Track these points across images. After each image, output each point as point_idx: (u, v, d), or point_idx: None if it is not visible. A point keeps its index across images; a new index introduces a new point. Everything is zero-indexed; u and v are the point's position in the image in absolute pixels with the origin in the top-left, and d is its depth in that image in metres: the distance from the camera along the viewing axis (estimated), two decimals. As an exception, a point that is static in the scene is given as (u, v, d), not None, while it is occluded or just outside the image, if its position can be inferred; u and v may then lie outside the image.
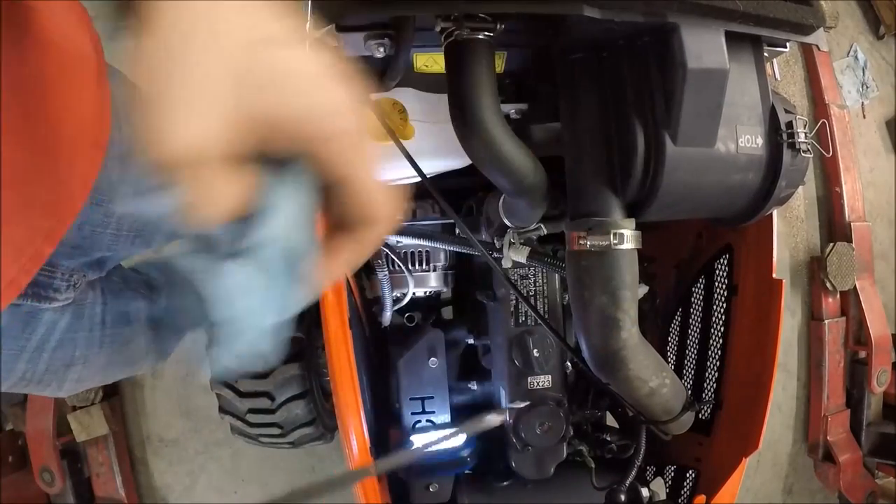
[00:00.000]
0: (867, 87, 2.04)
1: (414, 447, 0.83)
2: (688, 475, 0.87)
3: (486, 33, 0.54)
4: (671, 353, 0.97)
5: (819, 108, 1.91)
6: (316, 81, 0.28)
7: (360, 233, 0.32)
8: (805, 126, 0.61)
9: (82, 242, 0.56)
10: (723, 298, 0.87)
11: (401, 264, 0.82)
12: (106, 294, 0.69)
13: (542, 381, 0.80)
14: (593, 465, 0.83)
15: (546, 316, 0.81)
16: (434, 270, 0.86)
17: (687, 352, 0.94)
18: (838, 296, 1.83)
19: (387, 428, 0.92)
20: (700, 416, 0.86)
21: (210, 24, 0.25)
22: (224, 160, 0.26)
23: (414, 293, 0.85)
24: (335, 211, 0.32)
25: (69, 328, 0.62)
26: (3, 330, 0.53)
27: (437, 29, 0.55)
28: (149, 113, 0.24)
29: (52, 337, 0.60)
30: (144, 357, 0.76)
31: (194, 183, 0.25)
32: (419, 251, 0.84)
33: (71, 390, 0.66)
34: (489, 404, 0.89)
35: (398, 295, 0.85)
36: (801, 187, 0.68)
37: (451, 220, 0.77)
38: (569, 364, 0.83)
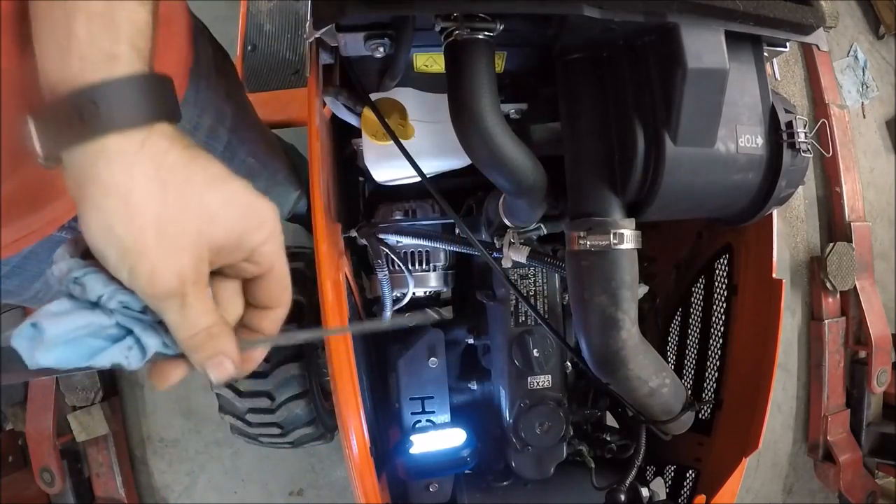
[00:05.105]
0: (867, 87, 2.04)
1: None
2: (688, 475, 0.87)
3: (486, 33, 0.54)
4: (671, 353, 0.97)
5: (819, 108, 1.91)
6: (247, 203, 0.37)
7: (276, 311, 0.41)
8: (805, 126, 0.61)
9: None
10: (723, 298, 0.87)
11: (401, 264, 0.82)
12: None
13: (542, 381, 0.80)
14: (593, 465, 0.83)
15: (546, 316, 0.81)
16: (434, 270, 0.86)
17: (687, 352, 0.94)
18: (838, 296, 1.83)
19: (387, 428, 0.92)
20: (700, 416, 0.86)
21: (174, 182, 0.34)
22: (197, 282, 0.35)
23: (414, 293, 0.85)
24: (260, 296, 0.41)
25: None
26: (31, 253, 0.60)
27: (437, 29, 0.55)
28: (137, 260, 0.33)
29: None
30: None
31: (182, 303, 0.35)
32: (419, 251, 0.84)
33: None
34: (490, 404, 0.89)
35: (398, 295, 0.85)
36: (801, 187, 0.68)
37: (451, 220, 0.77)
38: (569, 364, 0.83)
